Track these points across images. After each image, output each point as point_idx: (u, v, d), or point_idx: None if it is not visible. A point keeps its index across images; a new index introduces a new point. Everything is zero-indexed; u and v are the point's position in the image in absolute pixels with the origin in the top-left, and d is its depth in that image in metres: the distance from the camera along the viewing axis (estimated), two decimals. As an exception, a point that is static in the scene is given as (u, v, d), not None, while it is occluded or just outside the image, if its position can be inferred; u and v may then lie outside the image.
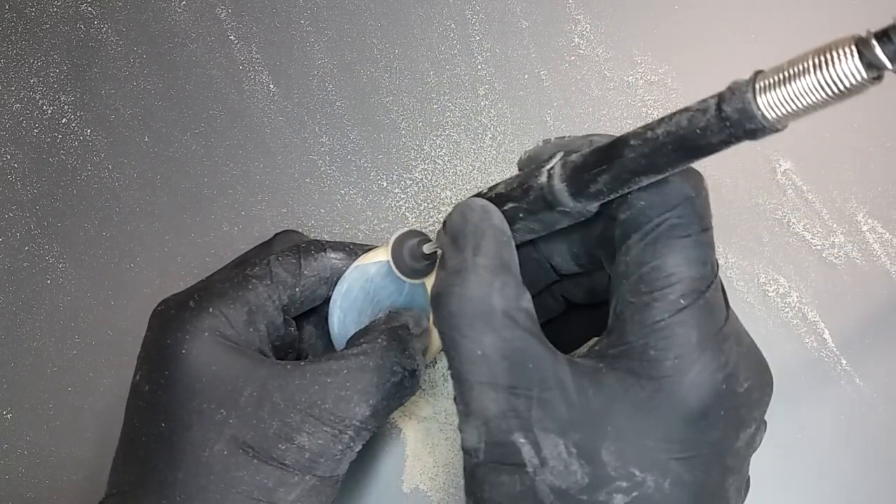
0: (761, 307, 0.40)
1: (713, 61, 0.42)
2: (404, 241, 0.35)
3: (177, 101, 0.44)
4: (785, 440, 0.38)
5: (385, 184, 0.43)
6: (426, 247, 0.34)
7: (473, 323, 0.26)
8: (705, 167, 0.27)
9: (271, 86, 0.44)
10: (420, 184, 0.42)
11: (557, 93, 0.43)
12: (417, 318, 0.35)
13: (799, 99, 0.20)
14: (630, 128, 0.41)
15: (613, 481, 0.25)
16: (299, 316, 0.37)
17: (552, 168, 0.27)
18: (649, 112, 0.42)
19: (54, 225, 0.43)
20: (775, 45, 0.42)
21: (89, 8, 0.46)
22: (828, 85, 0.20)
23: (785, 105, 0.21)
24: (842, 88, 0.20)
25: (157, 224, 0.43)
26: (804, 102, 0.20)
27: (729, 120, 0.22)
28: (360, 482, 0.39)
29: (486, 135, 0.43)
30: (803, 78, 0.20)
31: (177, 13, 0.46)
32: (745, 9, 0.43)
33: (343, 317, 0.36)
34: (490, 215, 0.28)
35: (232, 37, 0.45)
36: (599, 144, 0.26)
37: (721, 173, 0.41)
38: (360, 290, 0.36)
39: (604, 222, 0.28)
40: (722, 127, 0.22)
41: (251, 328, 0.33)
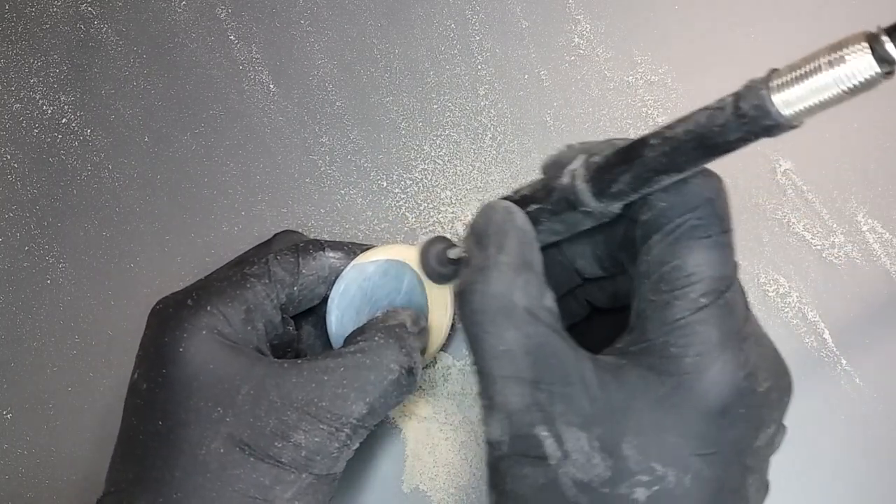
0: (761, 307, 0.40)
1: (713, 61, 0.42)
2: (431, 247, 0.35)
3: (177, 101, 0.44)
4: (784, 440, 0.38)
5: (385, 184, 0.43)
6: (452, 252, 0.35)
7: (496, 319, 0.27)
8: (715, 172, 0.27)
9: (271, 86, 0.44)
10: (420, 184, 0.42)
11: (557, 93, 0.43)
12: (415, 317, 0.35)
13: (813, 96, 0.21)
14: (630, 128, 0.42)
15: (635, 475, 0.25)
16: (298, 316, 0.37)
17: (575, 169, 0.28)
18: (649, 112, 0.42)
19: (54, 225, 0.43)
20: (776, 45, 0.42)
21: (89, 8, 0.46)
22: (841, 81, 0.20)
23: (800, 102, 0.21)
24: (855, 84, 0.20)
25: (157, 224, 0.43)
26: (819, 99, 0.21)
27: (746, 117, 0.22)
28: (360, 482, 0.39)
29: (486, 135, 0.43)
30: (817, 75, 0.21)
31: (177, 13, 0.46)
32: (746, 8, 0.43)
33: (341, 316, 0.36)
34: (513, 216, 0.29)
35: (232, 37, 0.45)
36: (621, 146, 0.27)
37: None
38: (358, 290, 0.36)
39: (626, 225, 0.29)
40: (739, 124, 0.22)
41: (249, 327, 0.33)
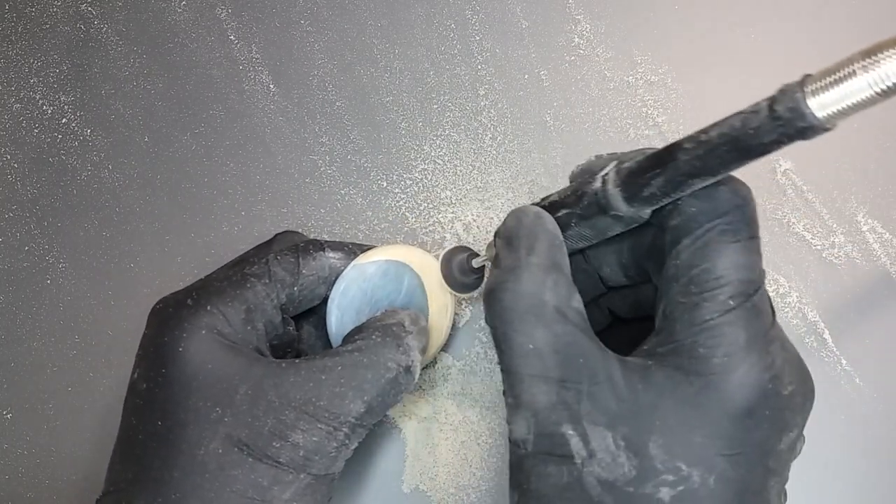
0: (761, 307, 0.40)
1: (713, 61, 0.42)
2: (453, 257, 0.35)
3: (177, 101, 0.44)
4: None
5: (385, 184, 0.43)
6: (475, 261, 0.35)
7: (525, 317, 0.27)
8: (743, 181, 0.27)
9: (271, 86, 0.44)
10: (420, 184, 0.42)
11: (557, 93, 0.43)
12: (414, 317, 0.35)
13: (848, 98, 0.22)
14: (630, 128, 0.42)
15: (660, 475, 0.26)
16: (299, 316, 0.37)
17: (607, 174, 0.28)
18: (649, 112, 0.42)
19: (54, 225, 0.43)
20: (776, 45, 0.42)
21: (89, 8, 0.46)
22: (876, 83, 0.21)
23: (835, 104, 0.22)
24: (889, 86, 0.21)
25: (157, 224, 0.43)
26: (853, 101, 0.22)
27: (781, 119, 0.23)
28: (360, 482, 0.39)
29: (486, 135, 0.43)
30: (853, 78, 0.21)
31: (177, 13, 0.46)
32: (746, 8, 0.43)
33: (341, 316, 0.36)
34: (543, 220, 0.29)
35: (232, 37, 0.45)
36: (653, 151, 0.27)
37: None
38: (358, 290, 0.36)
39: (653, 232, 0.29)
40: (774, 127, 0.23)
41: (249, 327, 0.33)
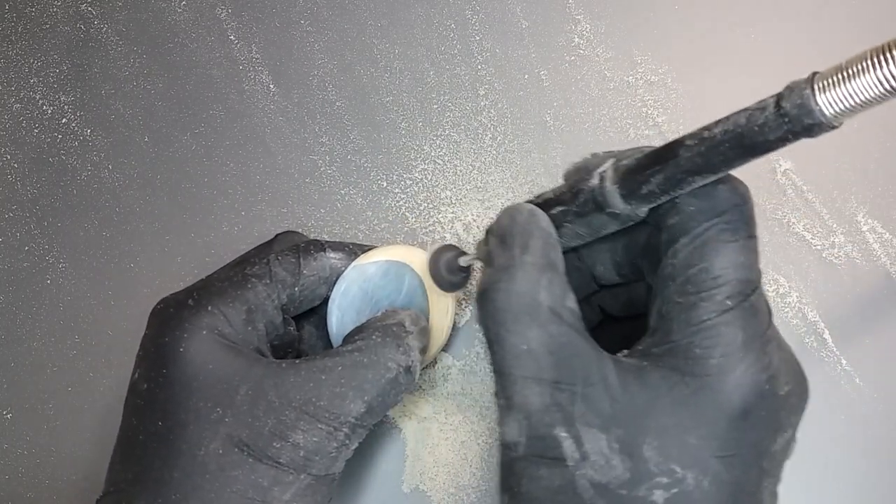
0: (761, 307, 0.40)
1: (713, 61, 0.42)
2: (441, 255, 0.35)
3: (177, 101, 0.44)
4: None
5: (385, 184, 0.43)
6: (462, 259, 0.35)
7: (519, 318, 0.27)
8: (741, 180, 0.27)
9: (271, 86, 0.44)
10: (420, 184, 0.42)
11: (557, 93, 0.43)
12: (415, 317, 0.35)
13: (857, 95, 0.22)
14: (630, 128, 0.42)
15: (654, 477, 0.25)
16: (300, 317, 0.37)
17: (604, 171, 0.28)
18: (649, 112, 0.42)
19: (54, 225, 0.43)
20: (776, 45, 0.42)
21: (89, 8, 0.46)
22: (886, 81, 0.21)
23: (842, 101, 0.22)
24: None
25: (157, 224, 0.43)
26: (861, 98, 0.22)
27: (788, 116, 0.22)
28: (360, 482, 0.39)
29: (486, 135, 0.43)
30: (862, 76, 0.21)
31: (177, 13, 0.46)
32: (746, 8, 0.43)
33: (341, 316, 0.36)
34: (537, 218, 0.29)
35: (232, 37, 0.45)
36: (653, 149, 0.27)
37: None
38: (359, 290, 0.36)
39: (649, 231, 0.29)
40: (780, 123, 0.23)
41: (250, 327, 0.33)
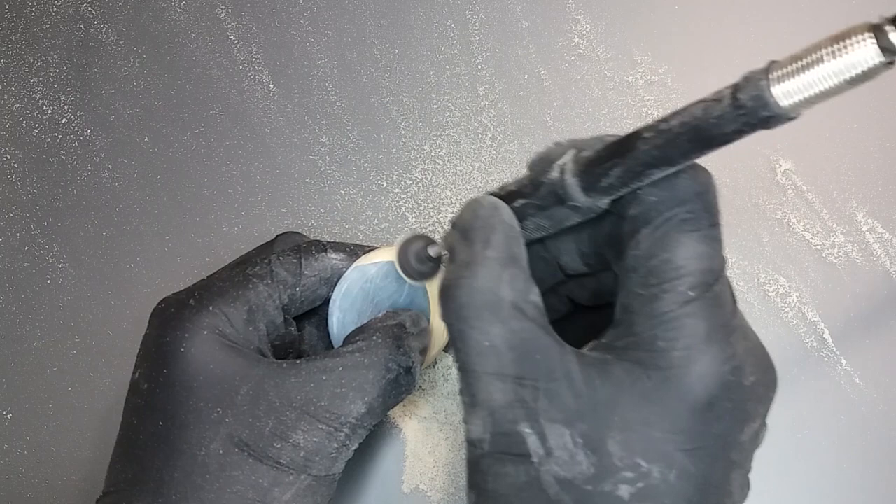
0: (761, 307, 0.40)
1: (713, 61, 0.43)
2: (410, 245, 0.35)
3: (177, 101, 0.44)
4: (785, 440, 0.38)
5: (385, 184, 0.43)
6: (431, 249, 0.34)
7: (482, 314, 0.26)
8: (704, 167, 0.27)
9: (271, 86, 0.44)
10: (420, 184, 0.42)
11: (557, 93, 0.43)
12: (416, 318, 0.35)
13: (814, 86, 0.21)
14: (630, 128, 0.42)
15: (619, 472, 0.25)
16: (301, 317, 0.37)
17: (564, 163, 0.27)
18: (649, 112, 0.42)
19: (54, 225, 0.43)
20: (776, 45, 0.42)
21: (89, 8, 0.46)
22: (843, 72, 0.20)
23: (800, 92, 0.21)
24: (857, 74, 0.20)
25: (157, 224, 0.43)
26: (819, 89, 0.21)
27: (744, 108, 0.22)
28: (360, 482, 0.39)
29: (486, 135, 0.43)
30: (819, 65, 0.20)
31: (177, 13, 0.46)
32: (746, 8, 0.43)
33: (342, 317, 0.36)
34: (500, 211, 0.28)
35: (232, 37, 0.45)
36: (612, 140, 0.26)
37: (721, 173, 0.41)
38: (360, 291, 0.36)
39: (613, 221, 0.29)
40: (737, 115, 0.22)
41: (251, 327, 0.33)
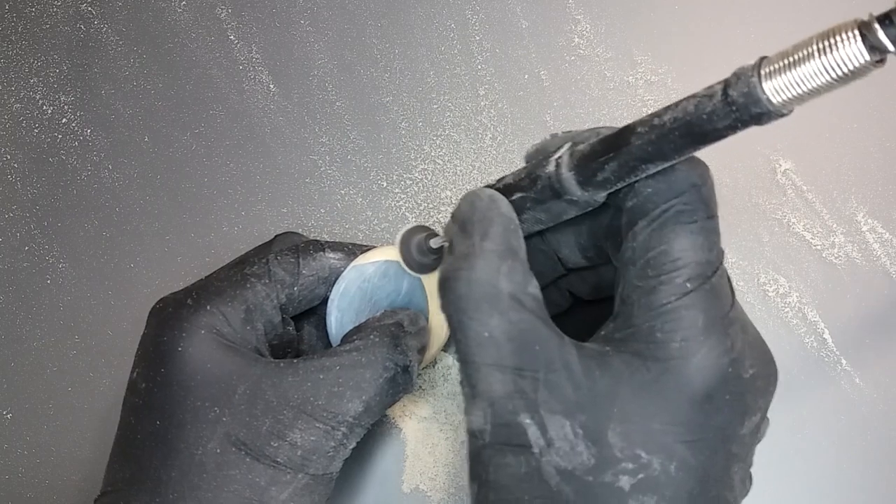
0: (761, 307, 0.40)
1: (713, 61, 0.42)
2: (412, 237, 0.35)
3: (177, 101, 0.44)
4: (785, 440, 0.38)
5: (385, 184, 0.43)
6: (433, 241, 0.34)
7: (480, 305, 0.26)
8: (701, 159, 0.27)
9: (271, 86, 0.44)
10: (420, 184, 0.42)
11: (557, 93, 0.43)
12: (413, 317, 0.35)
13: (803, 83, 0.21)
14: (630, 128, 0.42)
15: (619, 462, 0.25)
16: (300, 318, 0.37)
17: (560, 157, 0.27)
18: (649, 112, 0.42)
19: (54, 225, 0.43)
20: (775, 45, 0.42)
21: (89, 8, 0.46)
22: (832, 69, 0.20)
23: (790, 89, 0.21)
24: (845, 72, 0.20)
25: (157, 224, 0.43)
26: (808, 86, 0.21)
27: (735, 104, 0.22)
28: (360, 482, 0.39)
29: (486, 135, 0.43)
30: (808, 62, 0.21)
31: (177, 13, 0.46)
32: (746, 8, 0.43)
33: (341, 317, 0.36)
34: (498, 204, 0.28)
35: (232, 37, 0.45)
36: (606, 134, 0.26)
37: (721, 173, 0.41)
38: (358, 290, 0.36)
39: (611, 213, 0.29)
40: (728, 112, 0.22)
41: (248, 326, 0.33)
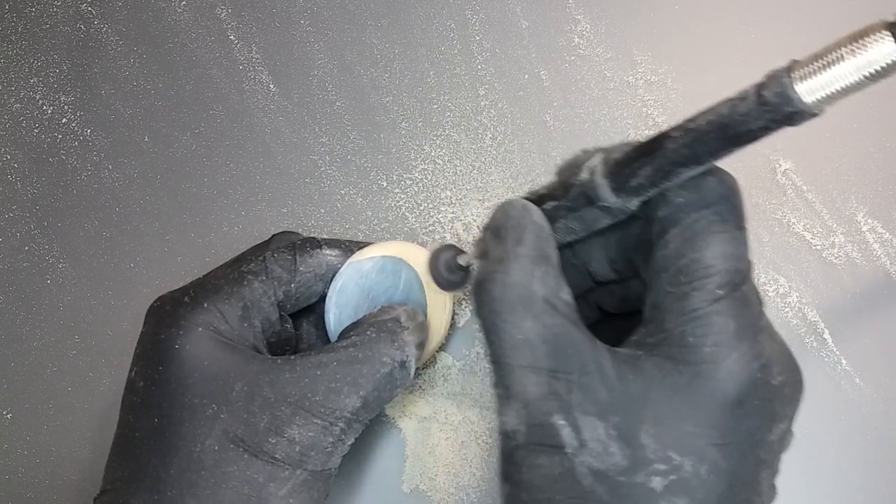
0: (761, 307, 0.40)
1: (713, 61, 0.42)
2: (440, 254, 0.35)
3: (177, 101, 0.44)
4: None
5: (385, 184, 0.43)
6: (461, 258, 0.35)
7: (515, 308, 0.27)
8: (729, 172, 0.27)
9: (271, 86, 0.44)
10: (420, 184, 0.42)
11: (557, 93, 0.43)
12: (411, 312, 0.35)
13: (835, 83, 0.22)
14: (630, 128, 0.42)
15: (652, 464, 0.25)
16: (299, 316, 0.37)
17: (594, 165, 0.28)
18: (649, 112, 0.42)
19: (54, 225, 0.43)
20: (776, 45, 0.42)
21: (89, 8, 0.46)
22: (863, 68, 0.21)
23: (822, 89, 0.22)
24: (877, 70, 0.21)
25: (157, 224, 0.43)
26: (840, 86, 0.22)
27: (768, 105, 0.23)
28: (360, 482, 0.39)
29: (486, 135, 0.43)
30: (839, 63, 0.21)
31: (177, 13, 0.46)
32: (746, 8, 0.43)
33: (339, 313, 0.36)
34: (530, 212, 0.29)
35: (232, 37, 0.45)
36: (641, 142, 0.27)
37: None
38: (356, 287, 0.36)
39: (640, 225, 0.29)
40: (761, 112, 0.23)
41: (246, 324, 0.33)
